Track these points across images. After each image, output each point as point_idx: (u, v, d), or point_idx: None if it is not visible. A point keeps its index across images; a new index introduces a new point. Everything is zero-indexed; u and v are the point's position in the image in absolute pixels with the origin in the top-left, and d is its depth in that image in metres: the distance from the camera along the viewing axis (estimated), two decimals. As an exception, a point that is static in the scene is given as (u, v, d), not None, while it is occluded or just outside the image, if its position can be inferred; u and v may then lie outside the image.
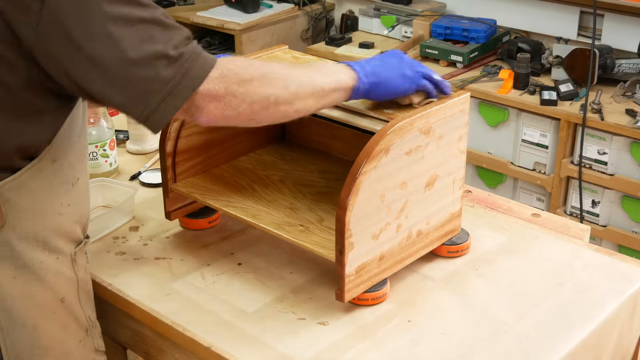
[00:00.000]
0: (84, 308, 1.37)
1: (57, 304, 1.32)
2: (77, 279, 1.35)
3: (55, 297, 1.31)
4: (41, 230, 1.27)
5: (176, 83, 1.17)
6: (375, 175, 1.32)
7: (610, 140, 2.84)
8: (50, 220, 1.28)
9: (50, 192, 1.27)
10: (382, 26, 3.69)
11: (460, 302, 1.44)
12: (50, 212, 1.28)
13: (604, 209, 2.95)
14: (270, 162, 1.72)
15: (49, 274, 1.29)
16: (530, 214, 1.75)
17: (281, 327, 1.38)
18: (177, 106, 1.18)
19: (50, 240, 1.29)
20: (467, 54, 3.25)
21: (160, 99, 1.17)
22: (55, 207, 1.29)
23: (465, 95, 1.47)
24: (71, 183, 1.31)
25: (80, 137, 1.33)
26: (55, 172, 1.27)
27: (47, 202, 1.27)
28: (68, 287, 1.33)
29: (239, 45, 3.77)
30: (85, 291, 1.38)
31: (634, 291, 1.49)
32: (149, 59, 1.14)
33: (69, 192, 1.30)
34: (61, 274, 1.31)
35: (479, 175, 3.27)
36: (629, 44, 3.10)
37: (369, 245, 1.36)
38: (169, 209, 1.63)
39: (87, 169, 1.39)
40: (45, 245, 1.28)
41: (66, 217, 1.31)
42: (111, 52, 1.13)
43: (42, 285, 1.29)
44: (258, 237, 1.64)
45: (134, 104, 1.17)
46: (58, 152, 1.27)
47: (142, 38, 1.14)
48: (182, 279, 1.51)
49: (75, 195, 1.32)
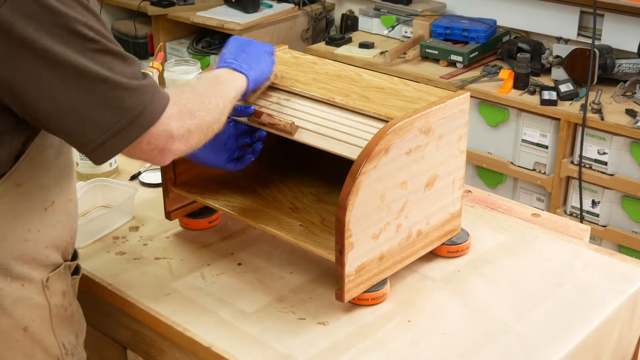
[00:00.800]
0: (57, 335, 1.29)
1: (19, 332, 1.23)
2: (49, 306, 1.27)
3: (16, 325, 1.23)
4: (1, 257, 1.19)
5: (135, 115, 1.12)
6: (375, 175, 1.32)
7: (610, 140, 2.84)
8: (13, 247, 1.20)
9: (13, 218, 1.19)
10: (382, 26, 3.69)
11: (460, 302, 1.44)
12: (13, 238, 1.20)
13: (604, 209, 2.95)
14: (271, 161, 1.72)
15: (7, 302, 1.20)
16: (530, 214, 1.75)
17: (281, 327, 1.38)
18: (132, 139, 1.13)
19: (13, 267, 1.20)
20: (467, 54, 3.25)
21: (116, 131, 1.11)
22: (20, 233, 1.20)
23: (465, 95, 1.47)
24: (44, 207, 1.23)
25: (60, 155, 1.26)
26: (20, 197, 1.19)
27: (8, 227, 1.19)
28: (34, 315, 1.25)
29: (239, 45, 3.77)
30: (62, 317, 1.30)
31: (634, 291, 1.49)
32: (111, 90, 1.10)
33: (40, 217, 1.22)
34: (26, 301, 1.23)
35: (479, 175, 3.27)
36: (629, 44, 3.10)
37: (368, 245, 1.36)
38: (169, 209, 1.63)
39: (72, 186, 1.31)
40: (5, 272, 1.20)
41: (34, 242, 1.22)
42: (66, 80, 1.07)
43: (1, 313, 1.20)
44: (258, 237, 1.64)
45: (84, 134, 1.11)
46: (24, 176, 1.19)
47: (105, 68, 1.09)
48: (182, 279, 1.51)
49: (49, 219, 1.24)
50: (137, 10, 4.08)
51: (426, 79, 3.18)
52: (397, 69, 3.30)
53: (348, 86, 1.51)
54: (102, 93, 1.10)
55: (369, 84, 1.52)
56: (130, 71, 1.13)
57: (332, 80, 1.54)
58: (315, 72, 1.57)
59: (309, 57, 1.67)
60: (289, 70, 1.58)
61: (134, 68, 1.14)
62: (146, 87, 1.14)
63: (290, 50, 1.70)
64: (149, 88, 1.14)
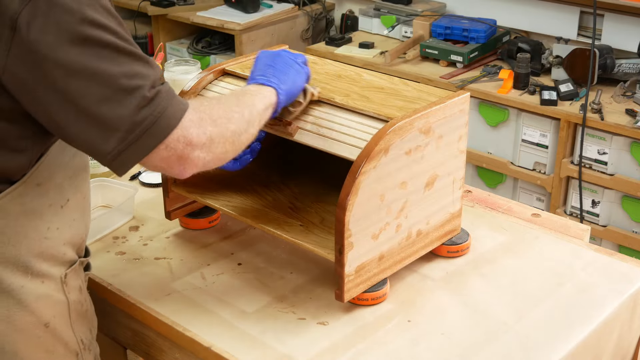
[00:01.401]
0: (75, 331, 1.30)
1: (41, 329, 1.25)
2: (68, 301, 1.28)
3: (38, 321, 1.24)
4: (23, 255, 1.20)
5: (153, 120, 1.10)
6: (375, 175, 1.32)
7: (610, 140, 2.84)
8: (34, 245, 1.21)
9: (34, 216, 1.20)
10: (382, 26, 3.69)
11: (460, 302, 1.44)
12: (34, 236, 1.21)
13: (604, 209, 2.95)
14: (271, 162, 1.72)
15: (30, 299, 1.22)
16: (530, 214, 1.75)
17: (281, 327, 1.38)
18: (151, 146, 1.11)
19: (34, 264, 1.22)
20: (467, 54, 3.25)
21: (134, 138, 1.10)
22: (40, 232, 1.22)
23: (465, 95, 1.47)
24: (60, 205, 1.24)
25: (75, 157, 1.26)
26: (40, 196, 1.20)
27: (30, 226, 1.20)
28: (55, 311, 1.26)
29: (239, 45, 3.77)
30: (79, 312, 1.31)
31: (634, 291, 1.49)
32: (129, 95, 1.09)
33: (58, 215, 1.24)
34: (47, 298, 1.24)
35: (479, 175, 3.27)
36: (629, 44, 3.10)
37: (368, 245, 1.36)
38: (169, 209, 1.63)
39: (85, 184, 1.31)
40: (27, 269, 1.21)
41: (53, 240, 1.24)
42: (88, 86, 1.07)
43: (23, 310, 1.22)
44: (258, 237, 1.64)
45: (104, 142, 1.10)
46: (43, 176, 1.21)
47: (124, 73, 1.09)
48: (182, 279, 1.51)
49: (66, 217, 1.25)
50: (137, 10, 4.07)
51: (426, 79, 3.18)
52: (397, 69, 3.30)
53: (348, 86, 1.51)
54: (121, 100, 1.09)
55: (369, 84, 1.52)
56: (152, 73, 1.12)
57: (332, 80, 1.54)
58: (316, 72, 1.57)
59: (309, 57, 1.67)
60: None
61: (156, 72, 1.13)
62: (163, 93, 1.12)
63: (291, 50, 1.70)
64: (166, 94, 1.13)
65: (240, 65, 1.61)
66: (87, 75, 1.07)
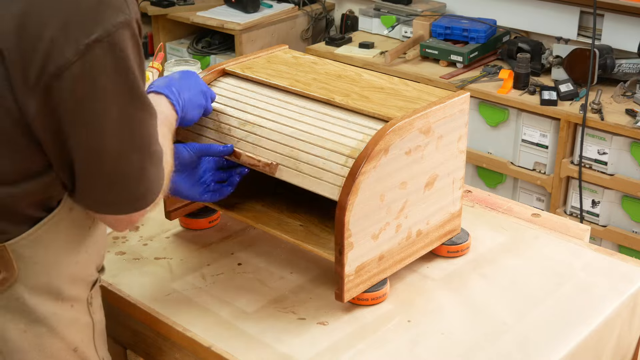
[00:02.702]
0: (98, 351, 1.30)
1: (70, 354, 1.24)
2: (93, 322, 1.28)
3: (68, 347, 1.23)
4: (55, 280, 1.19)
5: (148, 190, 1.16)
6: (375, 175, 1.32)
7: (610, 140, 2.84)
8: (66, 270, 1.21)
9: (67, 243, 1.20)
10: (382, 26, 3.69)
11: (460, 302, 1.44)
12: (66, 262, 1.20)
13: (604, 209, 2.95)
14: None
15: (61, 325, 1.21)
16: (530, 214, 1.75)
17: (281, 327, 1.38)
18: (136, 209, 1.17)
19: (65, 289, 1.21)
20: (467, 54, 3.25)
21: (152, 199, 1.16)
22: (72, 257, 1.21)
23: (465, 95, 1.47)
24: (88, 226, 1.23)
25: None
26: (73, 222, 1.20)
27: (63, 253, 1.20)
28: (83, 335, 1.26)
29: (239, 46, 3.77)
30: (100, 332, 1.31)
31: (634, 291, 1.49)
32: (156, 158, 1.14)
33: (87, 237, 1.23)
34: (76, 322, 1.24)
35: (479, 175, 3.27)
36: (629, 44, 3.10)
37: (368, 245, 1.36)
38: (169, 209, 1.63)
39: None
40: (58, 295, 1.20)
41: (83, 263, 1.24)
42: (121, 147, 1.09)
43: (55, 337, 1.21)
44: (258, 237, 1.64)
45: (130, 203, 1.16)
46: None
47: (152, 136, 1.12)
48: (182, 279, 1.51)
49: (92, 237, 1.25)
50: (137, 10, 4.07)
51: (426, 79, 3.18)
52: (397, 69, 3.30)
53: (348, 86, 1.51)
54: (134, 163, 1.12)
55: (369, 84, 1.52)
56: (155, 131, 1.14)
57: (332, 80, 1.54)
58: (316, 72, 1.57)
59: (309, 57, 1.67)
60: (289, 70, 1.58)
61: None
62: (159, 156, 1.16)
63: (290, 50, 1.70)
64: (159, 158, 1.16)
65: (240, 65, 1.61)
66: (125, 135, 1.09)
